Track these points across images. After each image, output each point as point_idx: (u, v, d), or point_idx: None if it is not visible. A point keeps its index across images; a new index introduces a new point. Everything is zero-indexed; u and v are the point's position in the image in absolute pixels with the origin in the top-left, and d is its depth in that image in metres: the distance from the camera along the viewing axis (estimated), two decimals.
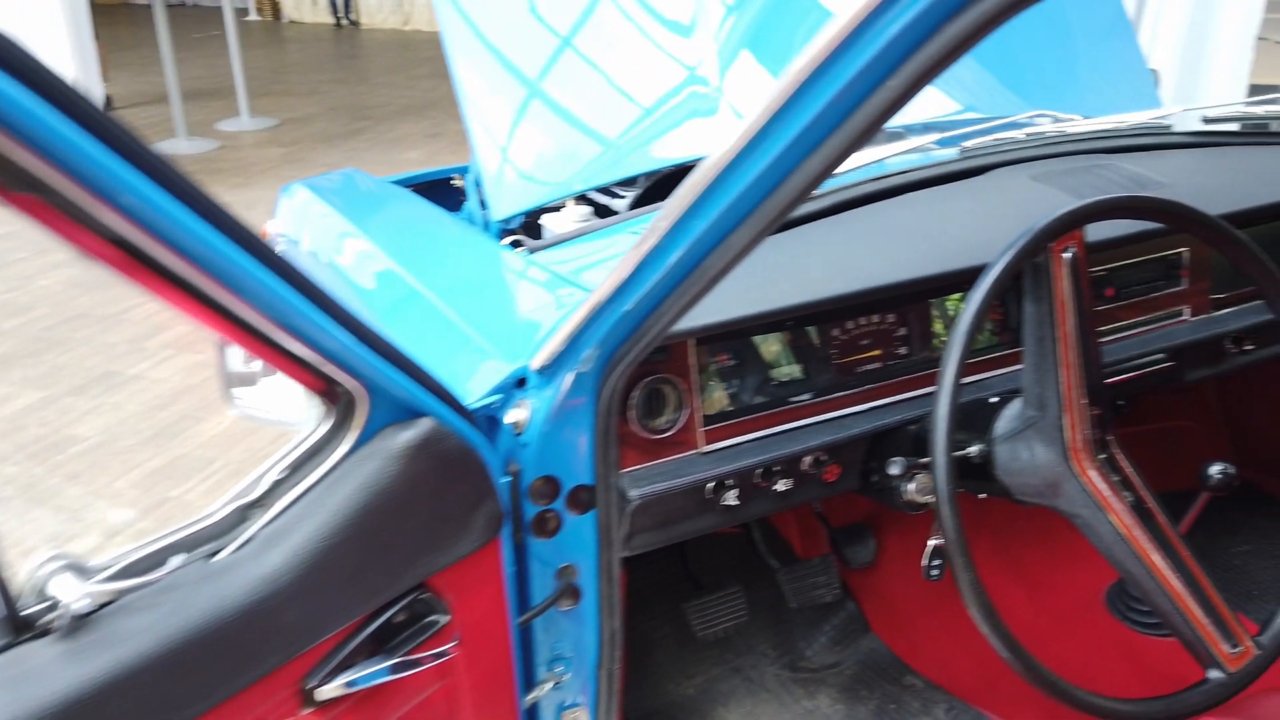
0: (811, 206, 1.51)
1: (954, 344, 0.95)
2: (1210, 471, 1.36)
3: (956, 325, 0.97)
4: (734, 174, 0.83)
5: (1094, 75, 2.32)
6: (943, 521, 0.95)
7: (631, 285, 0.96)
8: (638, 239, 0.92)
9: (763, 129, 0.78)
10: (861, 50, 0.71)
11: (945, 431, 0.96)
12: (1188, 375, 1.64)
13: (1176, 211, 1.02)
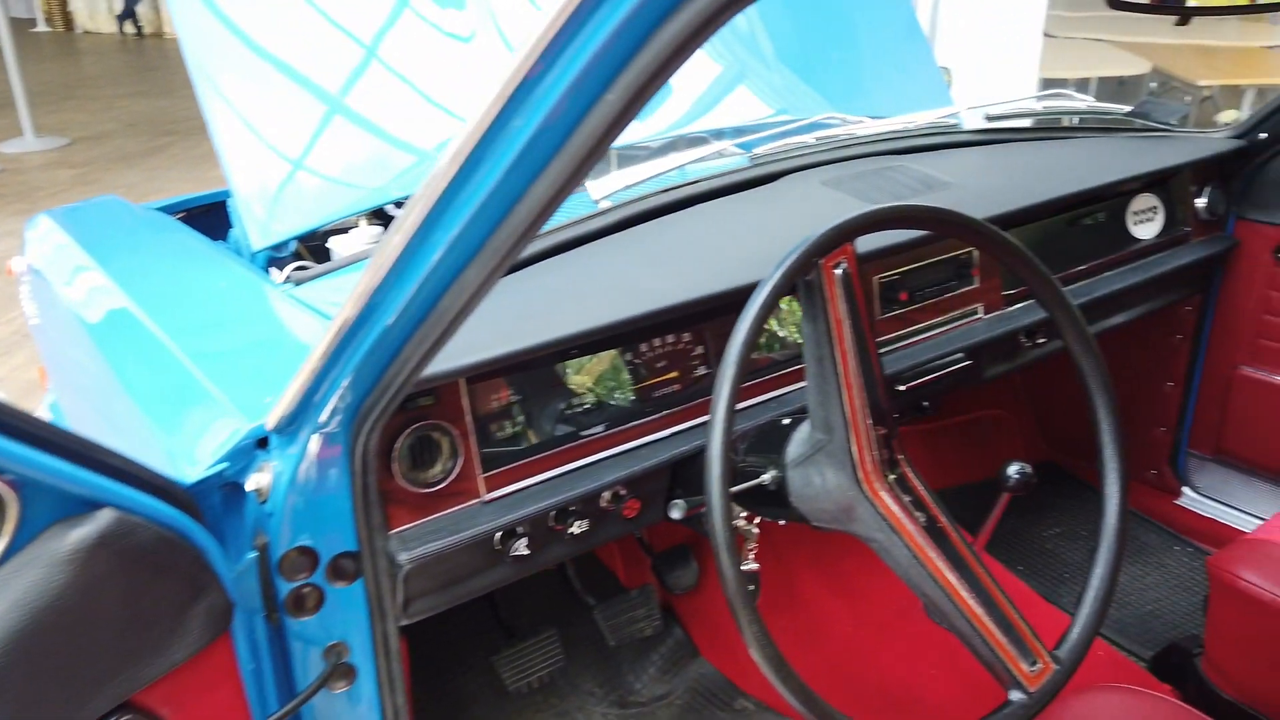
0: (597, 223, 1.42)
1: (724, 378, 0.88)
2: (1008, 472, 1.35)
3: (725, 356, 0.90)
4: (453, 205, 0.72)
5: (887, 75, 2.34)
6: (721, 571, 0.87)
7: (359, 333, 0.84)
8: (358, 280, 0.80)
9: (473, 155, 0.68)
10: (570, 63, 0.62)
11: (719, 475, 0.88)
12: (986, 372, 1.65)
13: (943, 218, 0.99)
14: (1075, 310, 1.06)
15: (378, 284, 0.79)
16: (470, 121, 0.67)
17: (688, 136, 2.14)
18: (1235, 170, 1.94)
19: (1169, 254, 1.89)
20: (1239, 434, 2.08)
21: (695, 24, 0.59)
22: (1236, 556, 1.44)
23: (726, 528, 0.87)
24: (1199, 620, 1.90)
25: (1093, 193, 1.68)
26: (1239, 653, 1.44)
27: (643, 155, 2.04)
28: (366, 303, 0.81)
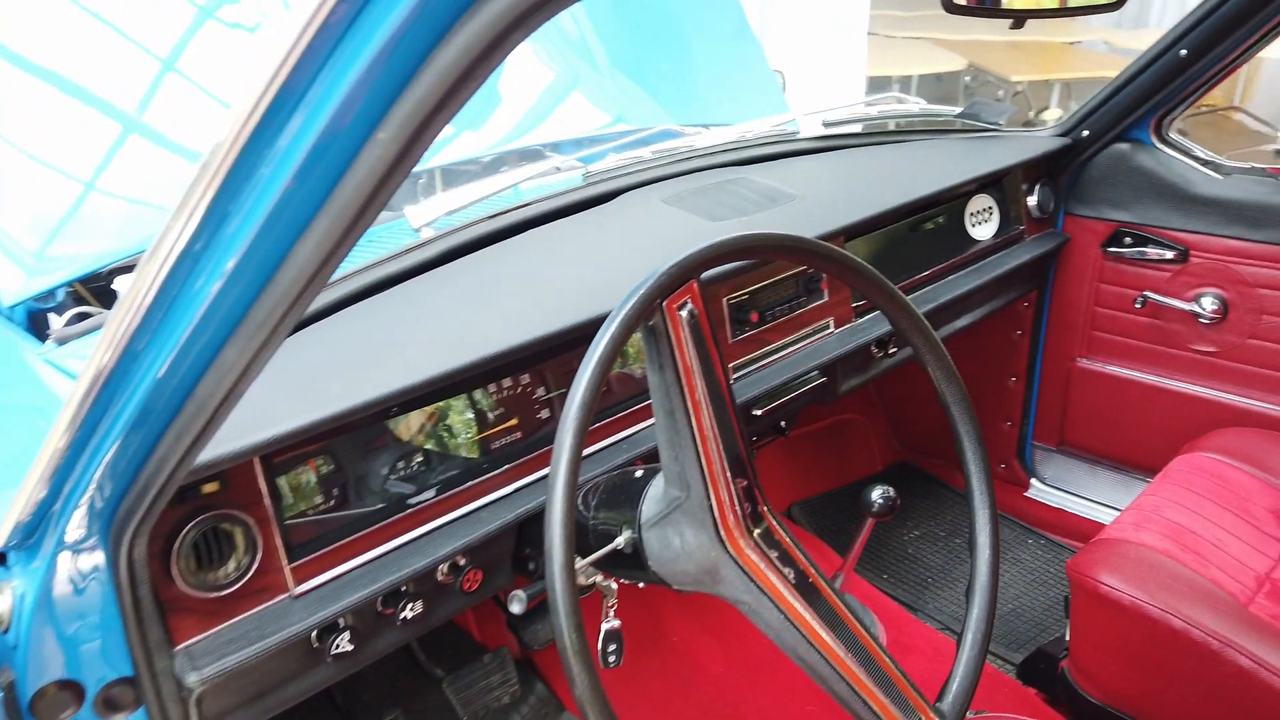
0: (418, 256, 1.27)
1: (562, 449, 0.76)
2: (872, 498, 1.29)
3: (563, 422, 0.78)
4: (196, 273, 0.57)
5: (722, 80, 2.29)
6: (569, 677, 0.75)
7: (100, 423, 0.67)
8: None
9: (213, 210, 0.53)
10: (324, 95, 0.48)
11: (561, 564, 0.76)
12: (841, 387, 1.59)
13: (792, 246, 0.90)
14: (937, 342, 1.00)
15: (111, 367, 0.63)
16: (204, 166, 0.52)
17: (519, 151, 2.01)
18: (1062, 167, 1.98)
19: (1006, 253, 1.90)
20: (1080, 425, 2.12)
21: (486, 41, 0.46)
22: (1095, 559, 1.43)
23: (573, 631, 0.74)
24: (1058, 615, 1.92)
25: (933, 197, 1.66)
26: (1103, 656, 1.44)
27: (470, 174, 1.90)
28: (102, 388, 0.65)
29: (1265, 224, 1.76)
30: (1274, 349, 1.81)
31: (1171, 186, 1.86)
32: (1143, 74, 1.82)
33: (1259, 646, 1.28)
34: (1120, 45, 5.88)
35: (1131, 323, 1.98)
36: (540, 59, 2.65)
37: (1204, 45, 1.72)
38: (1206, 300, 1.86)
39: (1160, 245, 1.90)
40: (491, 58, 0.47)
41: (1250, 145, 5.62)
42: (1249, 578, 1.44)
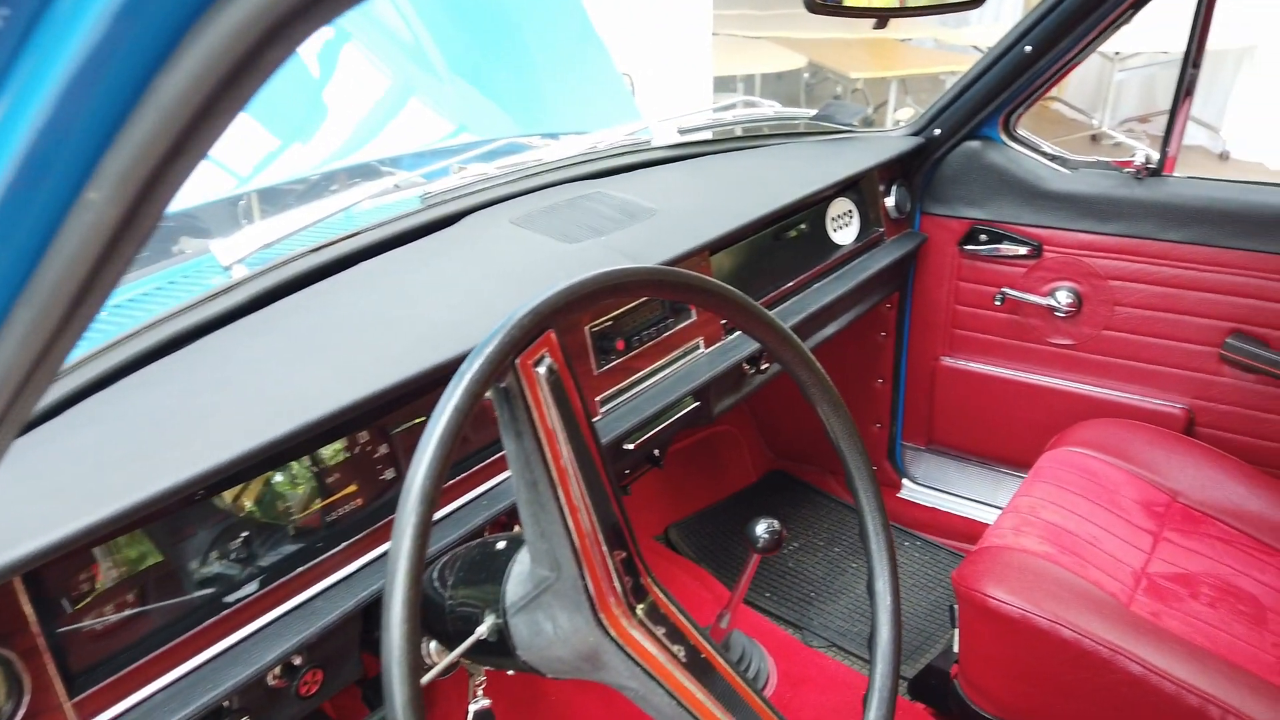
0: (228, 301, 1.10)
1: (399, 555, 0.62)
2: (757, 533, 1.20)
3: (399, 522, 0.64)
4: None
5: (569, 86, 2.17)
6: None
7: None
8: None
9: None
10: None
11: (405, 701, 0.62)
12: (716, 409, 1.51)
13: (658, 280, 0.79)
14: (823, 377, 0.91)
15: None
16: None
17: (350, 168, 1.84)
18: (916, 167, 1.96)
19: (868, 256, 1.86)
20: (947, 423, 2.12)
21: (230, 62, 0.32)
22: (979, 571, 1.39)
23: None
24: (942, 619, 1.90)
25: (795, 204, 1.60)
26: (994, 670, 1.40)
27: (293, 196, 1.71)
28: None
29: (1113, 217, 1.79)
30: (1128, 339, 1.84)
31: (1022, 182, 1.86)
32: (989, 72, 1.81)
33: (1146, 650, 1.26)
34: (947, 42, 6.11)
35: (991, 319, 1.98)
36: (372, 65, 2.46)
37: (1047, 41, 1.72)
38: (1061, 294, 1.88)
39: (1014, 241, 1.90)
40: (241, 84, 0.33)
41: (1070, 133, 5.96)
42: (1127, 575, 1.44)
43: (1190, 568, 1.47)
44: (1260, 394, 1.75)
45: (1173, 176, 1.77)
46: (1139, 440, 1.71)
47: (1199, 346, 1.77)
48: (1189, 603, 1.40)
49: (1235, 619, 1.38)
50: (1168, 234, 1.74)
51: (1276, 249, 1.65)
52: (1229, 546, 1.52)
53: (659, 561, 1.85)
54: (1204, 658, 1.28)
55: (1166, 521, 1.56)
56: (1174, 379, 1.82)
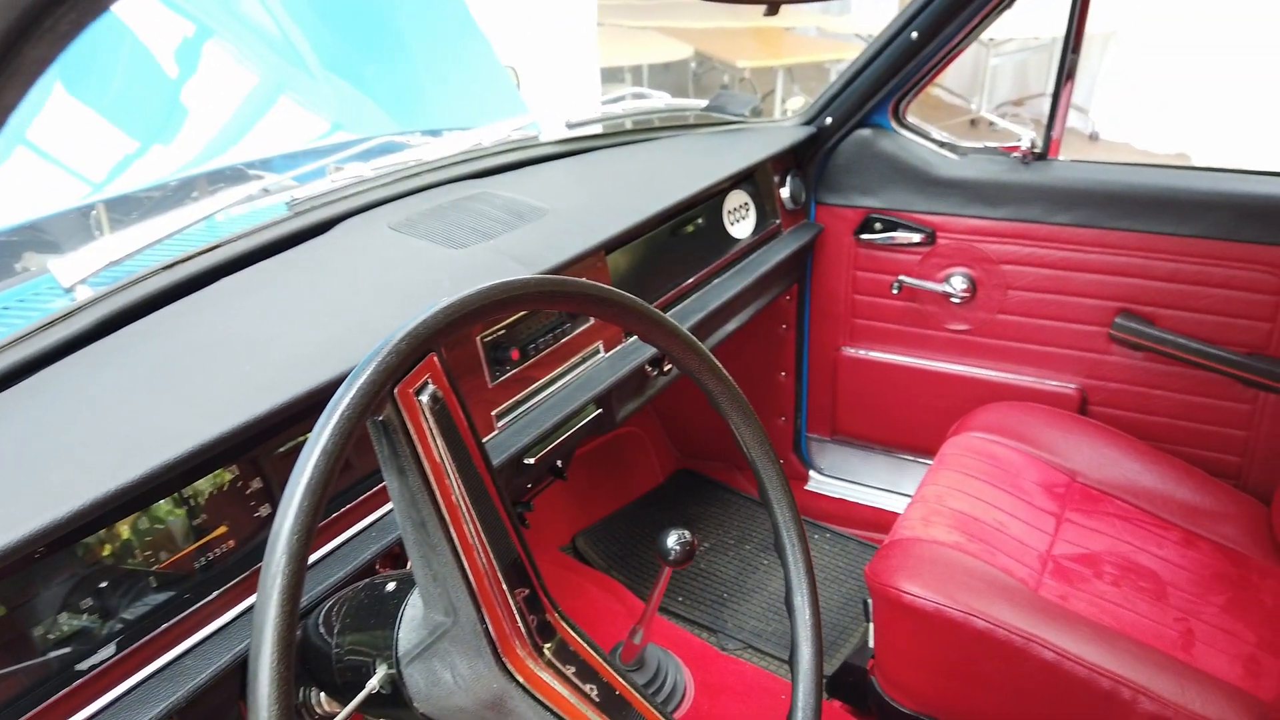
0: (70, 327, 0.98)
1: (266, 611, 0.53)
2: (669, 545, 1.15)
3: (263, 586, 0.56)
4: None
5: (451, 81, 2.07)
6: None
7: None
8: None
9: None
10: None
11: None
12: (619, 415, 1.45)
13: (550, 291, 0.72)
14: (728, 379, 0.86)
15: None
16: None
17: (213, 173, 1.71)
18: (809, 157, 1.94)
19: (766, 249, 1.83)
20: (851, 413, 2.11)
21: None
22: (892, 565, 1.38)
23: None
24: (856, 612, 1.89)
25: (691, 199, 1.55)
26: (910, 664, 1.39)
27: (148, 206, 1.57)
28: None
29: (1002, 201, 1.80)
30: (1022, 322, 1.86)
31: (914, 170, 1.86)
32: (877, 59, 1.80)
33: (1058, 636, 1.26)
34: (830, 30, 6.19)
35: (890, 307, 1.98)
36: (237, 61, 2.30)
37: (933, 27, 1.72)
38: (956, 280, 1.89)
39: (909, 229, 1.90)
40: None
41: (950, 118, 6.12)
42: (1033, 559, 1.44)
43: (1092, 547, 1.49)
44: (1148, 371, 1.79)
45: (1058, 160, 1.79)
46: (1036, 422, 1.73)
47: (1089, 327, 1.80)
48: (1094, 583, 1.41)
49: (1138, 596, 1.40)
50: (1055, 217, 1.77)
51: (1158, 229, 1.69)
52: (1127, 523, 1.55)
53: (567, 575, 1.78)
54: (1112, 639, 1.29)
55: (1067, 502, 1.58)
56: (1067, 360, 1.85)
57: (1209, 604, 1.40)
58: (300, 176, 1.44)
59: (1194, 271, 1.69)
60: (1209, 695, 1.22)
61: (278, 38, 2.37)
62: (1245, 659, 1.30)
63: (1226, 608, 1.39)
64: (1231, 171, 1.69)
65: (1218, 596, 1.41)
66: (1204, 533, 1.55)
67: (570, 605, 1.69)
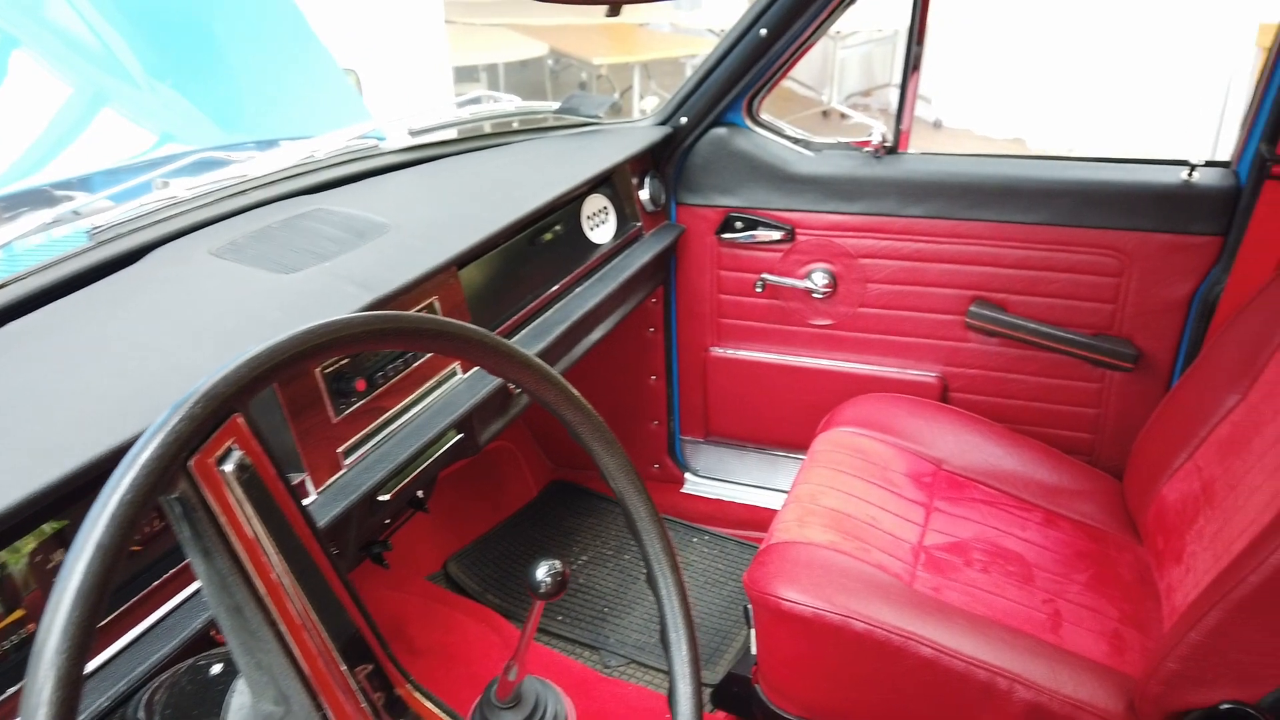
0: None
1: None
2: (539, 578, 1.08)
3: (25, 703, 0.46)
4: None
5: (284, 88, 1.94)
6: None
7: None
8: None
9: None
10: None
11: None
12: (483, 437, 1.37)
13: (379, 329, 0.64)
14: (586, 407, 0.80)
15: None
16: None
17: (8, 198, 1.54)
18: (667, 157, 1.90)
19: (628, 253, 1.78)
20: (723, 413, 2.10)
21: None
22: (770, 572, 1.35)
23: None
24: (737, 617, 1.87)
25: (548, 206, 1.49)
26: (793, 671, 1.37)
27: None
28: None
29: (857, 196, 1.81)
30: (882, 314, 1.88)
31: (770, 167, 1.85)
32: (728, 57, 1.78)
33: (934, 631, 1.27)
34: (683, 25, 6.22)
35: (755, 306, 1.97)
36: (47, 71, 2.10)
37: (781, 24, 1.70)
38: (818, 275, 1.89)
39: (769, 226, 1.89)
40: None
41: (803, 110, 6.25)
42: (906, 552, 1.45)
43: (961, 534, 1.50)
44: (1003, 356, 1.84)
45: (908, 153, 1.82)
46: (901, 413, 1.74)
47: (946, 316, 1.84)
48: (964, 571, 1.43)
49: (1007, 581, 1.42)
50: (908, 210, 1.79)
51: (1005, 218, 1.73)
52: (992, 508, 1.58)
53: (436, 608, 1.69)
54: (985, 628, 1.30)
55: (935, 491, 1.60)
56: (927, 349, 1.88)
57: (1073, 582, 1.43)
58: (118, 195, 1.31)
59: (1041, 258, 1.74)
60: (1080, 677, 1.24)
61: (94, 44, 2.17)
62: (1110, 635, 1.34)
63: (1089, 585, 1.43)
64: (1072, 160, 1.75)
65: (1081, 574, 1.45)
66: (1064, 511, 1.59)
67: (441, 641, 1.61)
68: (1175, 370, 1.73)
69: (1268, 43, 1.55)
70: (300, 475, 1.03)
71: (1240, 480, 1.33)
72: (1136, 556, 1.51)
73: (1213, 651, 1.11)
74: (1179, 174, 1.64)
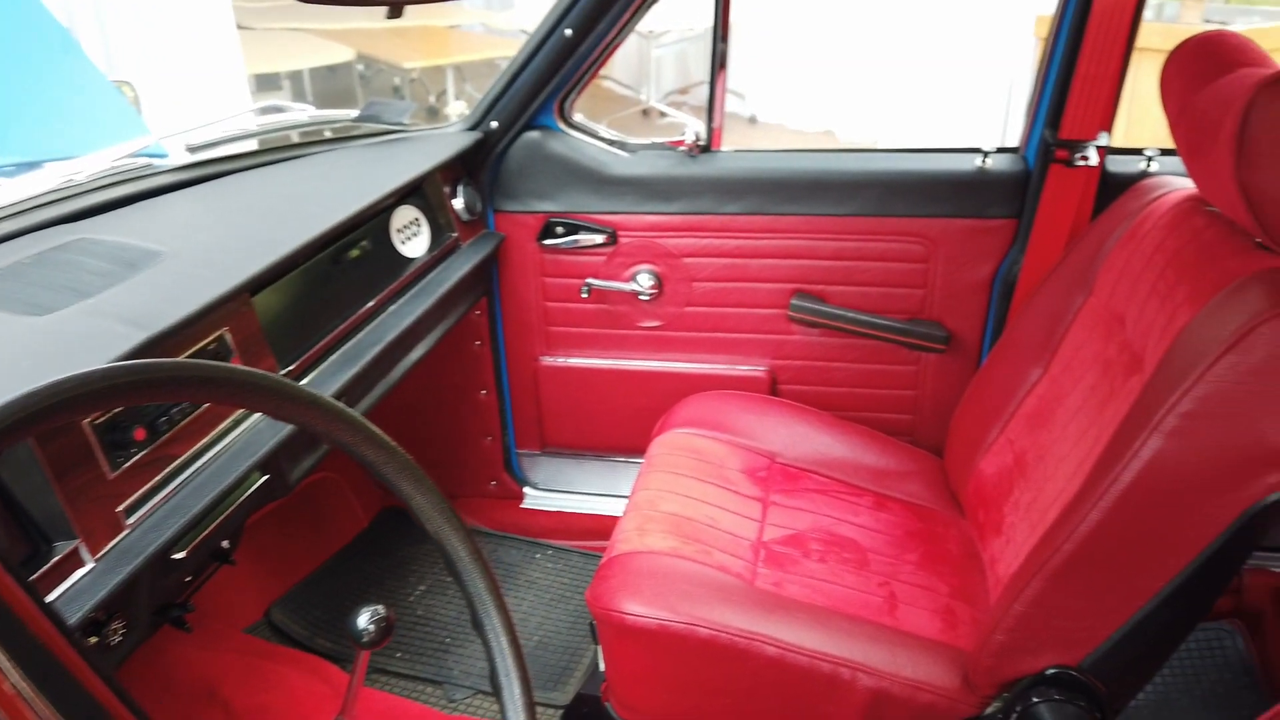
0: None
1: None
2: (360, 626, 1.00)
3: None
4: None
5: (42, 109, 1.73)
6: None
7: None
8: None
9: None
10: None
11: None
12: (294, 476, 1.27)
13: (129, 382, 0.55)
14: (389, 444, 0.73)
15: None
16: None
17: None
18: (480, 164, 1.83)
19: (446, 266, 1.71)
20: (558, 423, 2.05)
21: None
22: (612, 587, 1.32)
23: None
24: (584, 633, 1.83)
25: (349, 221, 1.39)
26: (642, 685, 1.34)
27: None
28: None
29: (676, 195, 1.80)
30: (709, 312, 1.88)
31: (587, 170, 1.81)
32: (535, 58, 1.73)
33: (777, 629, 1.27)
34: (496, 26, 6.13)
35: (582, 312, 1.93)
36: None
37: (586, 24, 1.67)
38: (643, 277, 1.87)
39: (590, 230, 1.86)
40: None
41: (622, 109, 6.29)
42: (746, 550, 1.45)
43: (798, 526, 1.52)
44: (825, 345, 1.87)
45: (722, 151, 1.82)
46: (733, 409, 1.75)
47: (770, 310, 1.86)
48: (803, 563, 1.44)
49: (844, 568, 1.44)
50: (725, 207, 1.79)
51: (819, 211, 1.76)
52: (825, 496, 1.60)
53: (256, 664, 1.56)
54: (826, 619, 1.31)
55: (770, 484, 1.61)
56: (755, 344, 1.90)
57: (905, 563, 1.47)
58: None
59: (854, 248, 1.78)
60: (917, 658, 1.27)
61: None
62: (942, 612, 1.38)
63: (921, 564, 1.47)
64: (878, 151, 1.80)
65: (912, 554, 1.49)
66: (893, 493, 1.63)
67: (262, 701, 1.48)
68: (983, 349, 1.82)
69: (1045, 34, 1.64)
70: (71, 543, 0.90)
71: (1048, 451, 1.39)
72: (961, 531, 1.56)
73: (1035, 620, 1.16)
74: (973, 161, 1.71)
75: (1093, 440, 1.28)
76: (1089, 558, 1.09)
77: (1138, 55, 1.56)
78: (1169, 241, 1.27)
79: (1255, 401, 0.98)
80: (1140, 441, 1.04)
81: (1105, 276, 1.40)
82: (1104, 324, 1.38)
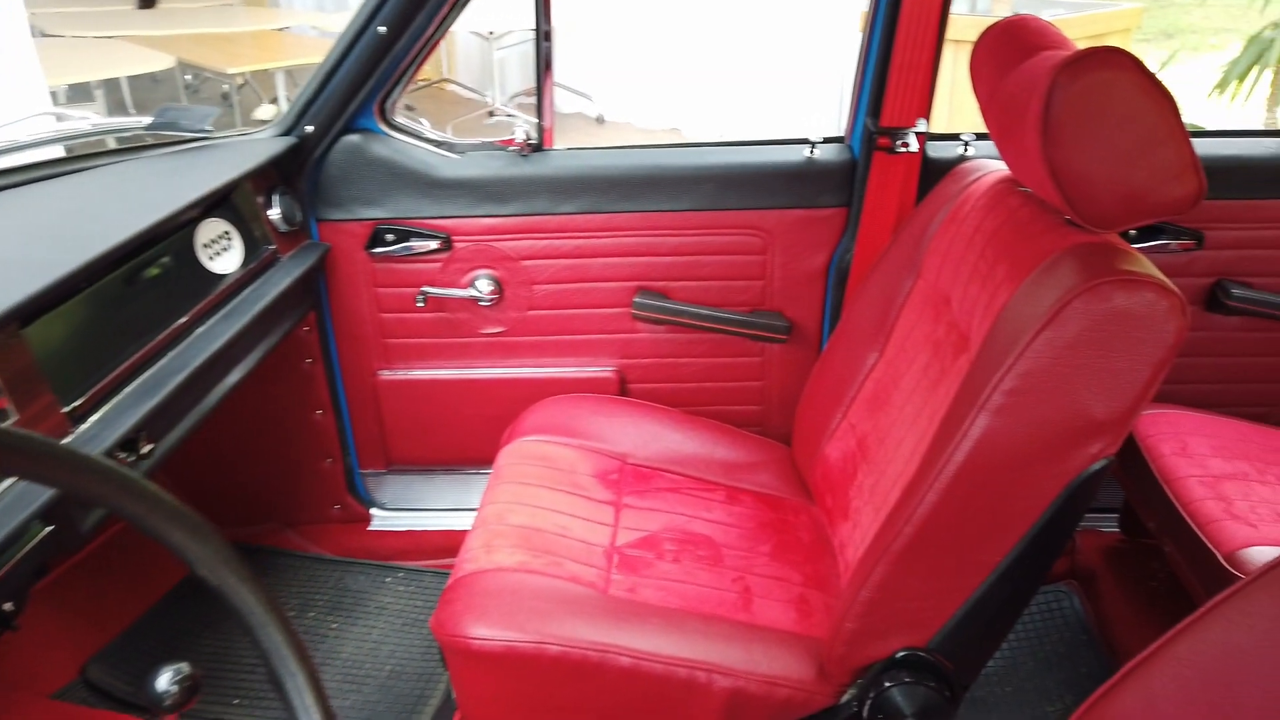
0: None
1: None
2: (159, 688, 0.89)
3: None
4: None
5: None
6: None
7: None
8: None
9: None
10: None
11: None
12: (87, 524, 1.14)
13: None
14: (156, 494, 0.65)
15: None
16: None
17: None
18: (297, 170, 1.72)
19: (264, 281, 1.59)
20: (403, 439, 1.95)
21: None
22: (456, 611, 1.25)
23: None
24: (436, 657, 1.74)
25: (141, 237, 1.27)
26: (495, 710, 1.28)
27: None
28: None
29: (510, 197, 1.75)
30: (553, 315, 1.83)
31: (414, 173, 1.73)
32: (349, 58, 1.63)
33: (630, 638, 1.23)
34: (329, 29, 5.89)
35: (419, 322, 1.85)
36: None
37: (400, 20, 1.59)
38: (482, 283, 1.80)
39: (423, 236, 1.77)
40: None
41: (469, 112, 6.16)
42: (599, 557, 1.40)
43: (650, 527, 1.49)
44: (671, 342, 1.85)
45: (554, 150, 1.77)
46: (581, 412, 1.71)
47: (615, 310, 1.82)
48: (657, 565, 1.41)
49: (698, 566, 1.42)
50: (561, 207, 1.75)
51: (656, 207, 1.74)
52: (678, 494, 1.58)
53: None
54: (681, 621, 1.28)
55: (623, 487, 1.57)
56: (601, 344, 1.86)
57: (759, 555, 1.46)
58: None
59: (693, 243, 1.77)
60: (773, 652, 1.26)
61: None
62: (797, 601, 1.38)
63: (774, 554, 1.46)
64: (711, 145, 1.79)
65: (765, 545, 1.48)
66: (744, 485, 1.63)
67: None
68: (823, 336, 1.84)
69: None
70: None
71: (888, 433, 1.41)
72: (813, 517, 1.57)
73: (882, 605, 1.16)
74: (802, 152, 1.72)
75: (927, 420, 1.30)
76: (929, 539, 1.10)
77: (956, 47, 1.61)
78: (987, 222, 1.30)
79: (1074, 374, 1.01)
80: (969, 421, 1.05)
81: (931, 259, 1.42)
82: (932, 305, 1.40)
